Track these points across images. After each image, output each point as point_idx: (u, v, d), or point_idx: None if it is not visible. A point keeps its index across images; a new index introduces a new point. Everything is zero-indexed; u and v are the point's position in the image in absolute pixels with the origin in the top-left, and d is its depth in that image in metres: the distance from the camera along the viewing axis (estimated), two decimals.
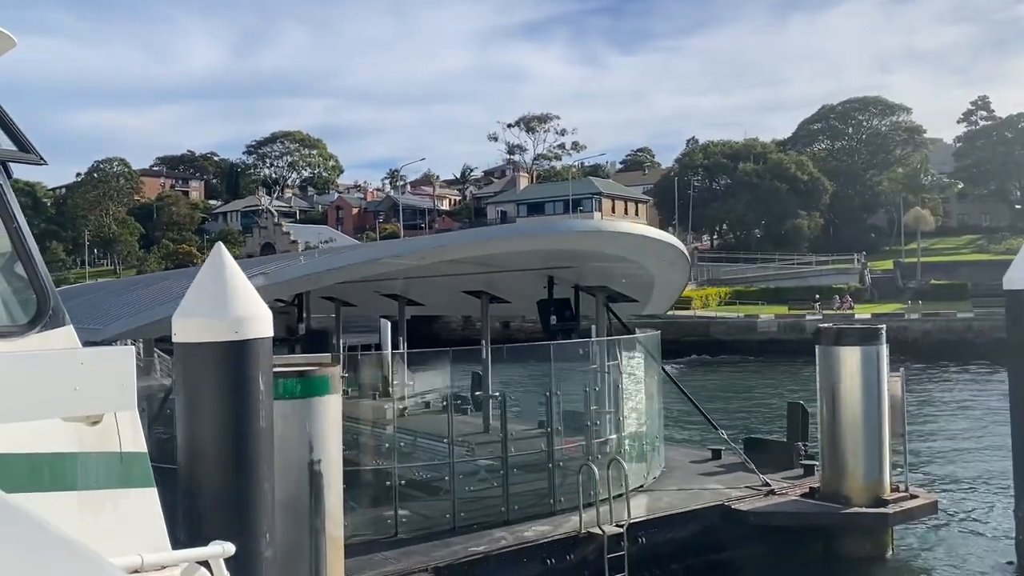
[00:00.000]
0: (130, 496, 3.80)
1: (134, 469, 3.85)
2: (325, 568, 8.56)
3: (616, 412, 14.01)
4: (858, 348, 13.49)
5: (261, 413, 6.37)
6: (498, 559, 11.24)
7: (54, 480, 3.46)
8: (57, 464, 3.48)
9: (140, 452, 3.90)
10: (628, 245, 13.43)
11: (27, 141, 4.19)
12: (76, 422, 3.43)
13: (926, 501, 13.43)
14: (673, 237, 15.25)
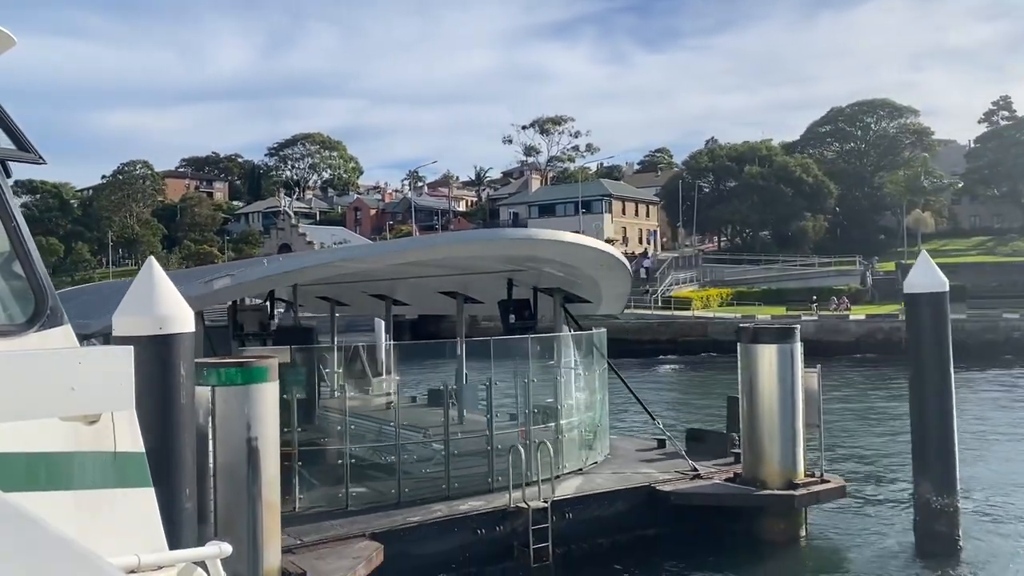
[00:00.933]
0: (127, 496, 3.82)
1: (131, 469, 3.87)
2: (261, 528, 10.01)
3: (555, 402, 15.39)
4: (774, 346, 14.74)
5: (182, 393, 7.82)
6: (431, 527, 12.68)
7: (51, 480, 3.45)
8: (54, 463, 3.47)
9: (138, 452, 3.93)
10: (559, 251, 14.81)
11: (26, 140, 4.13)
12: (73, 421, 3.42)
13: (835, 486, 14.67)
14: (606, 244, 16.62)
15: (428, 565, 12.48)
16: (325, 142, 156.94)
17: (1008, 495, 17.28)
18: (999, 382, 36.55)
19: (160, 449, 7.64)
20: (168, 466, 7.62)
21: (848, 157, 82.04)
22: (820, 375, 15.23)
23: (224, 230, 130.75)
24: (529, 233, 17.26)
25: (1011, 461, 21.10)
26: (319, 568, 10.74)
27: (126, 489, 3.81)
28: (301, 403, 14.34)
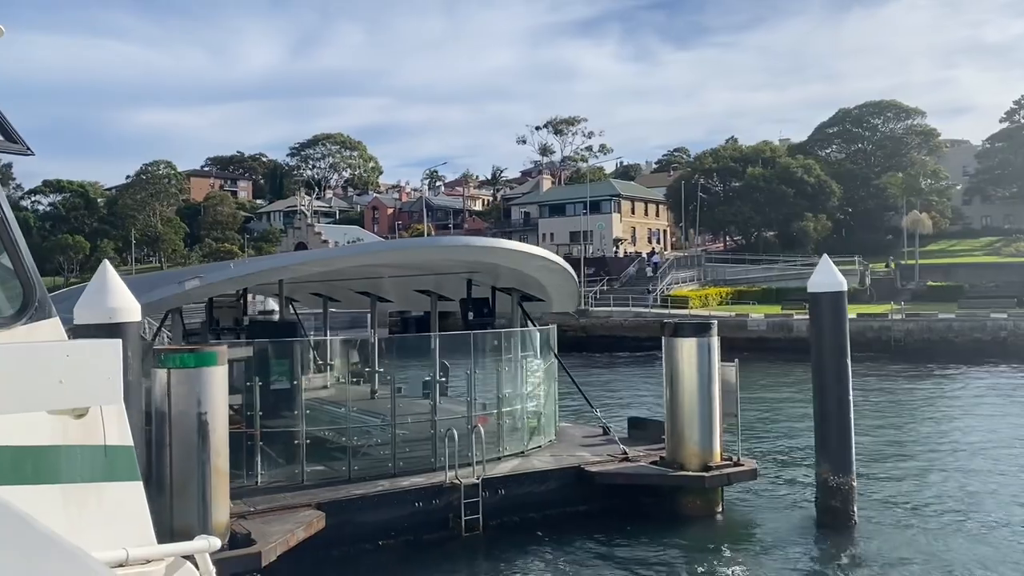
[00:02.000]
0: (115, 489, 3.79)
1: (119, 462, 3.83)
2: (210, 490, 11.70)
3: (496, 391, 16.99)
4: (693, 339, 16.23)
5: (128, 372, 9.49)
6: (373, 499, 14.32)
7: (38, 473, 3.41)
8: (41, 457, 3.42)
9: (126, 445, 3.90)
10: (498, 256, 16.40)
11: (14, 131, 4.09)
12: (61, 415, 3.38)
13: (747, 468, 16.12)
14: (543, 250, 18.19)
15: (370, 532, 14.13)
16: (346, 142, 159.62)
17: (906, 476, 18.74)
18: (976, 379, 37.56)
19: None
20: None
21: (855, 158, 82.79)
22: (738, 368, 16.68)
23: (246, 228, 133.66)
24: (466, 241, 18.84)
25: (935, 452, 22.37)
26: (263, 530, 12.39)
27: (114, 483, 3.77)
28: (284, 391, 16.06)
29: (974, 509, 16.43)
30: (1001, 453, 21.86)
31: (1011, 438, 23.81)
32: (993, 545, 14.43)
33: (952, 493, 17.71)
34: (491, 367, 17.48)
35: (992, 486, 18.36)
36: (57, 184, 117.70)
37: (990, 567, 13.40)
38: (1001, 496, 17.47)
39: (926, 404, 31.57)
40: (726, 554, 14.60)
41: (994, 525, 15.43)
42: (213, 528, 11.66)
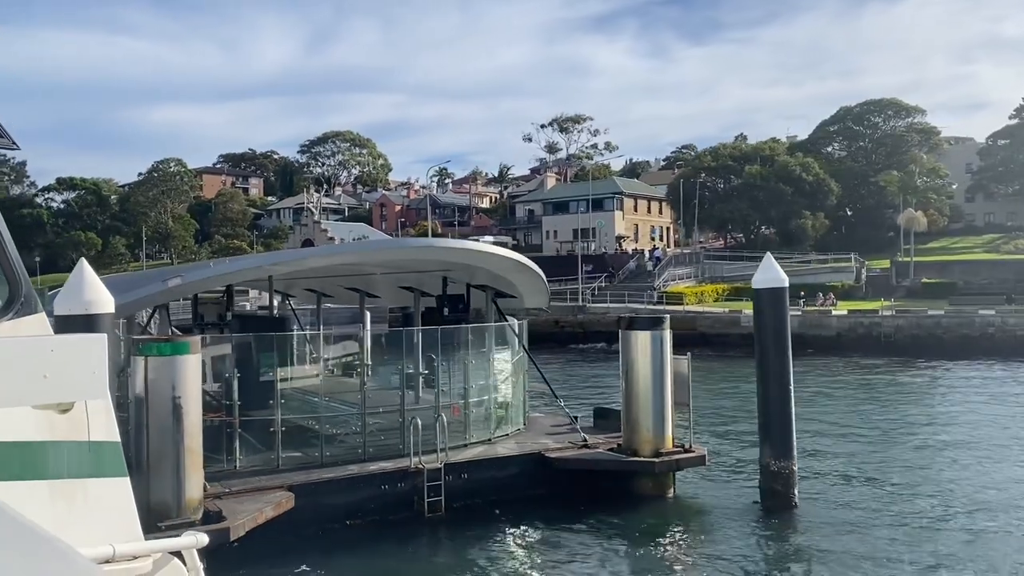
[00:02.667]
0: (102, 485, 3.75)
1: (106, 457, 3.80)
2: (184, 468, 12.78)
3: (464, 383, 18.02)
4: (648, 332, 17.21)
5: (105, 335, 10.58)
6: (341, 482, 15.39)
7: (23, 469, 3.35)
8: (26, 452, 3.37)
9: (112, 441, 3.87)
10: (459, 256, 17.43)
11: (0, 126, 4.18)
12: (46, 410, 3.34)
13: (696, 455, 17.10)
14: (502, 250, 19.23)
15: (338, 513, 15.19)
16: (355, 140, 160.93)
17: (853, 463, 19.73)
18: (954, 373, 38.29)
19: None
20: None
21: (856, 156, 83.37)
22: (689, 361, 17.65)
23: (256, 225, 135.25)
24: (430, 243, 19.87)
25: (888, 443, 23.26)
26: (234, 508, 13.47)
27: (101, 478, 3.75)
28: (263, 382, 17.13)
29: (916, 494, 17.36)
30: (956, 441, 22.75)
31: (969, 429, 24.67)
32: (925, 525, 15.37)
33: (897, 479, 18.65)
34: (462, 360, 18.51)
35: (938, 471, 19.29)
36: (70, 182, 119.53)
37: (918, 545, 14.34)
38: (941, 481, 18.40)
39: (898, 396, 32.40)
40: (675, 533, 15.61)
41: (931, 507, 16.37)
42: (186, 504, 12.78)
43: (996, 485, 18.12)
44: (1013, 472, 19.39)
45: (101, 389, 3.21)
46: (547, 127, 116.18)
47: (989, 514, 15.96)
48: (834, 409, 29.34)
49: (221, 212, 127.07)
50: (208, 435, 15.93)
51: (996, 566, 13.28)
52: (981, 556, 13.75)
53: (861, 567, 13.38)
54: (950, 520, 15.75)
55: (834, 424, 25.82)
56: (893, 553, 14.03)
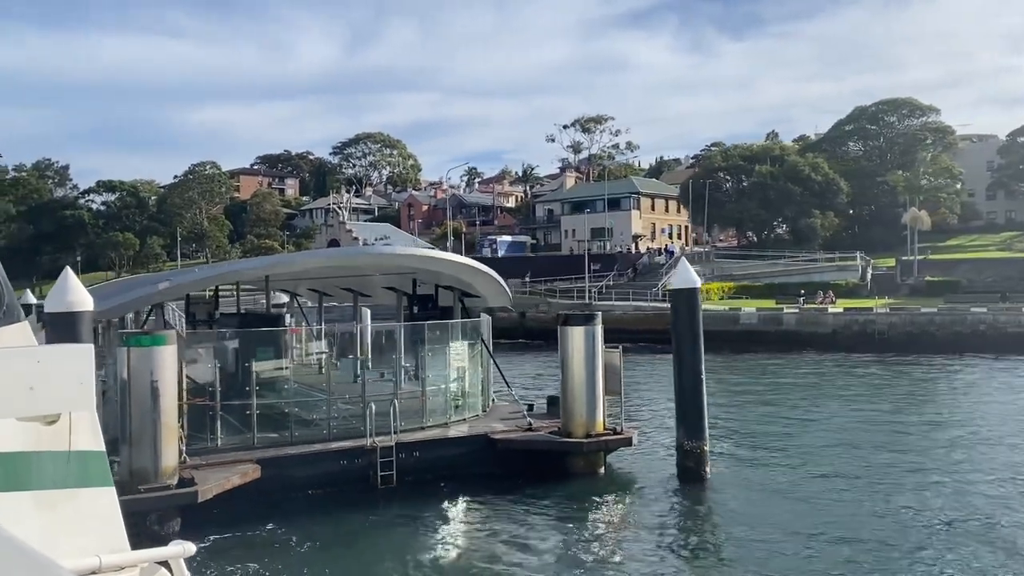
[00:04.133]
0: (87, 495, 3.73)
1: (91, 468, 3.79)
2: (160, 442, 15.17)
3: (424, 372, 20.28)
4: (581, 327, 19.30)
5: (91, 346, 12.98)
6: (305, 457, 17.72)
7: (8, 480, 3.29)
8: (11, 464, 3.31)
9: (98, 451, 3.86)
10: (410, 261, 19.68)
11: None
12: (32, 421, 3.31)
13: (623, 436, 19.17)
14: (450, 255, 21.47)
15: (301, 484, 17.52)
16: (386, 140, 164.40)
17: (770, 446, 21.68)
18: (933, 367, 39.67)
19: None
20: None
21: (871, 155, 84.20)
22: (621, 353, 19.72)
23: (290, 225, 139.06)
24: (379, 250, 22.08)
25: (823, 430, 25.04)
26: (205, 476, 15.85)
27: (86, 488, 3.75)
28: (243, 372, 19.54)
29: (830, 473, 19.25)
30: (899, 428, 24.50)
31: (917, 420, 26.37)
32: (828, 499, 17.27)
33: (807, 461, 20.56)
34: (417, 353, 20.78)
35: (859, 454, 21.12)
36: (109, 184, 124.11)
37: (812, 517, 16.26)
38: (856, 462, 20.25)
39: (864, 389, 33.92)
40: (600, 504, 17.72)
41: (837, 485, 18.25)
42: (162, 471, 15.17)
43: (908, 463, 19.95)
44: (931, 450, 21.16)
45: (88, 400, 3.22)
46: (569, 127, 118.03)
47: (883, 486, 17.84)
48: (788, 401, 31.15)
49: (255, 213, 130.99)
50: (193, 417, 18.51)
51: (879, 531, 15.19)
52: (863, 526, 15.66)
53: (751, 526, 15.38)
54: (848, 494, 17.63)
55: (771, 413, 27.73)
56: (783, 520, 15.99)
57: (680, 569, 13.76)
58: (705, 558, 14.36)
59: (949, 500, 17.07)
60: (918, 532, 15.13)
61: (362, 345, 26.70)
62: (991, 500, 17.01)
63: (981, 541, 14.45)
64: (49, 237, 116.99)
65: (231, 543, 15.30)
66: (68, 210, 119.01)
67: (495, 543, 15.48)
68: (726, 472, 19.03)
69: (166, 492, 15.03)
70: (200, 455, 17.31)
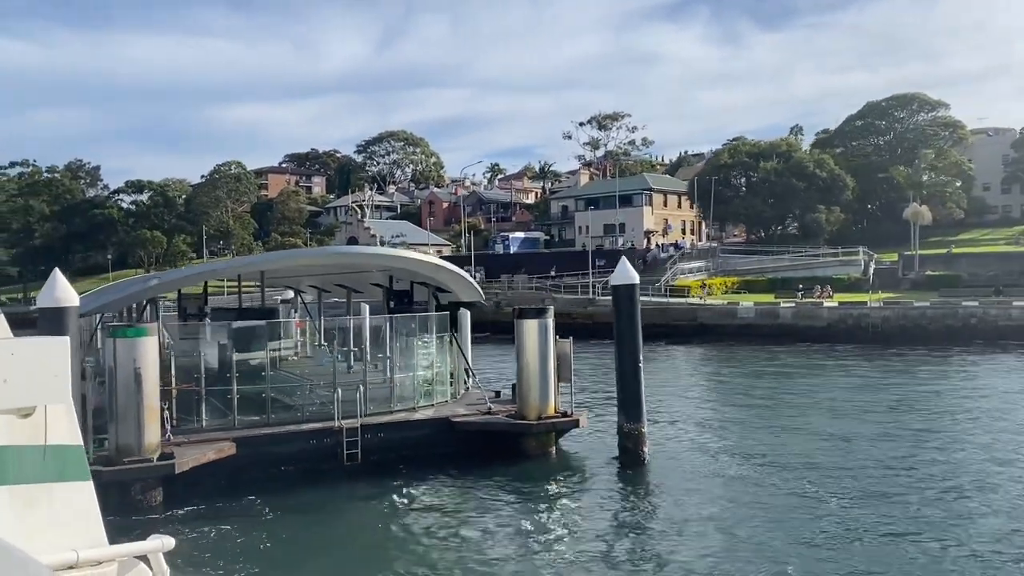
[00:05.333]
0: (65, 490, 3.73)
1: (69, 462, 3.79)
2: (143, 420, 17.13)
3: (391, 360, 22.11)
4: (535, 320, 21.01)
5: (71, 338, 14.95)
6: (277, 436, 19.63)
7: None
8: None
9: (75, 445, 3.85)
10: (380, 260, 21.51)
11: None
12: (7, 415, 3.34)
13: (572, 419, 20.86)
14: (415, 254, 23.26)
15: (275, 460, 19.41)
16: (409, 139, 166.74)
17: (711, 430, 23.26)
18: (915, 359, 40.79)
19: None
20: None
21: (880, 150, 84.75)
22: (571, 344, 21.40)
23: (315, 223, 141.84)
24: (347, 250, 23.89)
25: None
26: (184, 452, 17.79)
27: (63, 483, 3.71)
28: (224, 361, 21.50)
29: (762, 456, 20.81)
30: (849, 415, 25.93)
31: (875, 406, 27.76)
32: (755, 481, 18.85)
33: (747, 443, 22.14)
34: (407, 344, 22.67)
35: (805, 439, 22.64)
36: (138, 184, 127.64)
37: (740, 495, 17.85)
38: (794, 447, 21.79)
39: (837, 379, 35.23)
40: (550, 480, 19.47)
41: (767, 467, 19.81)
42: (145, 447, 17.13)
43: (853, 449, 21.46)
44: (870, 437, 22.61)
45: (63, 393, 3.23)
46: (586, 124, 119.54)
47: (813, 465, 19.40)
48: (752, 391, 32.61)
49: (280, 211, 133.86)
50: (182, 401, 20.53)
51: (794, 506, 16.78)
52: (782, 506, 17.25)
53: (679, 500, 17.06)
54: (776, 473, 19.18)
55: (728, 401, 29.23)
56: (712, 495, 17.60)
57: (612, 536, 15.42)
58: (633, 527, 16.05)
59: (871, 476, 18.59)
60: (837, 490, 16.70)
61: (357, 338, 28.67)
62: (924, 477, 18.51)
63: (912, 515, 15.87)
64: (81, 236, 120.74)
65: (209, 511, 17.23)
66: (99, 209, 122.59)
67: (448, 514, 17.28)
68: (664, 452, 20.68)
69: (147, 464, 16.99)
70: (185, 434, 19.31)
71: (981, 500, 16.71)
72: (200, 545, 15.16)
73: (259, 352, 21.74)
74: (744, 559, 13.65)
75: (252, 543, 15.52)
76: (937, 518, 15.59)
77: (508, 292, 64.11)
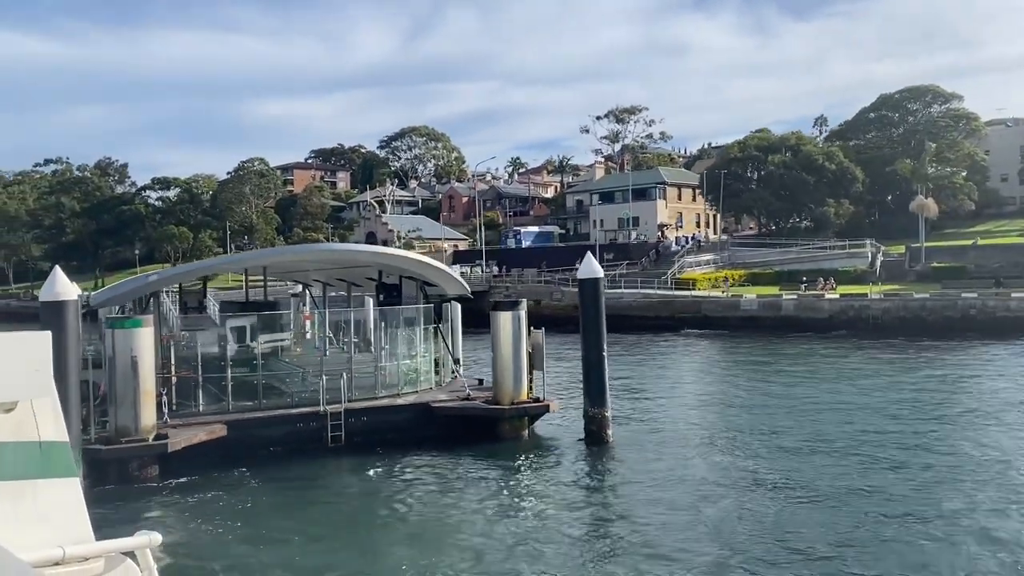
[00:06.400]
0: (51, 486, 3.73)
1: (54, 458, 3.77)
2: (139, 404, 18.73)
3: (375, 350, 23.59)
4: (509, 312, 22.38)
5: (69, 326, 16.55)
6: (266, 420, 21.18)
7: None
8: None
9: (60, 440, 3.85)
10: (364, 256, 22.96)
11: None
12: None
13: (542, 404, 22.25)
14: (398, 251, 24.68)
15: (264, 442, 20.96)
16: (430, 134, 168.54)
17: (678, 416, 24.59)
18: (910, 350, 41.59)
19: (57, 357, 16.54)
20: (64, 372, 16.36)
21: (893, 143, 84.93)
22: (543, 335, 22.75)
23: (338, 218, 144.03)
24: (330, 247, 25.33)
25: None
26: (177, 433, 19.38)
27: (49, 479, 3.71)
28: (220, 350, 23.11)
29: (725, 438, 22.05)
30: (816, 404, 27.04)
31: (845, 395, 28.83)
32: (714, 458, 20.10)
33: (708, 427, 23.36)
34: (392, 334, 24.16)
35: (768, 426, 23.83)
36: (164, 181, 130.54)
37: (694, 471, 19.13)
38: (754, 432, 22.99)
39: (816, 369, 36.23)
40: (517, 458, 20.89)
41: (725, 447, 21.05)
42: (141, 428, 18.74)
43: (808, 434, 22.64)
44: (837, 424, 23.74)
45: (46, 387, 3.24)
46: (603, 119, 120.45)
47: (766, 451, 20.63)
48: (730, 378, 33.73)
49: (303, 206, 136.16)
50: (181, 387, 22.15)
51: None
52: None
53: (635, 478, 18.39)
54: (726, 456, 20.42)
55: (699, 389, 30.40)
56: (668, 474, 18.88)
57: (569, 503, 16.87)
58: (589, 494, 17.48)
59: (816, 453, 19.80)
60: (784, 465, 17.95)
61: (360, 330, 30.20)
62: (871, 460, 19.68)
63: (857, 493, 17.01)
64: (110, 232, 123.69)
65: (201, 482, 18.82)
66: (127, 206, 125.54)
67: (422, 485, 18.89)
68: (627, 434, 22.01)
69: (143, 444, 18.63)
70: (183, 417, 20.94)
71: (942, 470, 17.88)
72: (191, 508, 16.97)
73: (252, 343, 23.31)
74: (683, 518, 15.01)
75: (237, 506, 17.40)
76: (891, 484, 16.79)
77: (519, 286, 65.40)
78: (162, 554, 12.45)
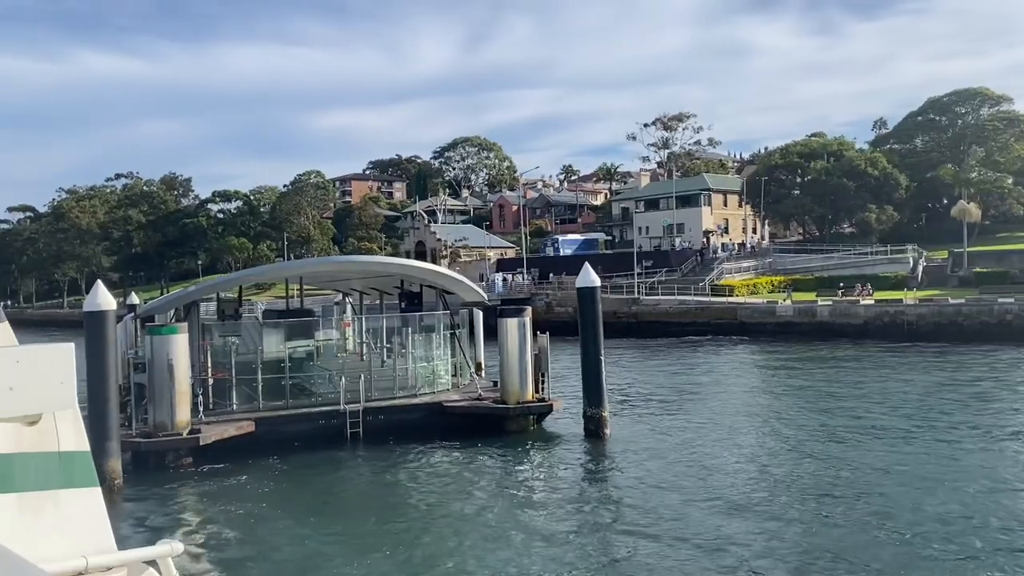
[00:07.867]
0: (73, 496, 3.75)
1: (76, 468, 3.81)
2: (175, 402, 20.82)
3: (394, 354, 25.42)
4: (515, 318, 24.00)
5: (107, 334, 18.70)
6: (289, 417, 23.15)
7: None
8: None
9: (82, 451, 3.88)
10: (381, 267, 24.78)
11: None
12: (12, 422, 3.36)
13: (546, 404, 23.79)
14: (413, 262, 26.42)
15: (289, 437, 22.91)
16: (482, 144, 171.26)
17: (674, 416, 25.77)
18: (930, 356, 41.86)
19: (93, 363, 18.66)
20: (103, 374, 18.52)
21: (941, 147, 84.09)
22: (548, 339, 24.30)
23: (393, 227, 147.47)
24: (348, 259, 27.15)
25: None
26: (209, 429, 21.45)
27: (71, 489, 3.73)
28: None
29: (718, 439, 23.27)
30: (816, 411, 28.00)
31: (856, 402, 29.68)
32: (708, 459, 21.38)
33: (705, 429, 24.59)
34: (415, 339, 26.04)
35: (770, 430, 24.96)
36: (226, 193, 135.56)
37: (687, 471, 20.45)
38: (747, 434, 24.14)
39: (840, 375, 36.90)
40: (520, 451, 22.46)
41: (719, 448, 22.28)
42: (176, 424, 20.83)
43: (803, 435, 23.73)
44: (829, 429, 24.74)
45: (69, 399, 3.32)
46: (650, 126, 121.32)
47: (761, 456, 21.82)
48: (742, 383, 34.68)
49: (358, 217, 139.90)
50: (216, 388, 24.25)
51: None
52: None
53: (630, 473, 19.79)
54: (719, 458, 21.66)
55: (707, 392, 31.49)
56: (662, 471, 20.20)
57: (563, 491, 18.40)
58: (587, 491, 18.94)
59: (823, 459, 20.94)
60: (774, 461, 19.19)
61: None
62: (870, 468, 20.76)
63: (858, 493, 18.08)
64: (174, 244, 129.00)
65: (229, 471, 20.81)
66: (190, 219, 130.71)
67: (431, 473, 20.62)
68: (623, 433, 23.41)
69: (177, 438, 20.73)
70: (217, 415, 23.05)
71: (944, 473, 18.92)
72: (218, 493, 19.00)
73: (279, 348, 25.39)
74: (666, 505, 16.43)
75: (260, 490, 19.27)
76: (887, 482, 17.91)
77: (559, 293, 66.86)
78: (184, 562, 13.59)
